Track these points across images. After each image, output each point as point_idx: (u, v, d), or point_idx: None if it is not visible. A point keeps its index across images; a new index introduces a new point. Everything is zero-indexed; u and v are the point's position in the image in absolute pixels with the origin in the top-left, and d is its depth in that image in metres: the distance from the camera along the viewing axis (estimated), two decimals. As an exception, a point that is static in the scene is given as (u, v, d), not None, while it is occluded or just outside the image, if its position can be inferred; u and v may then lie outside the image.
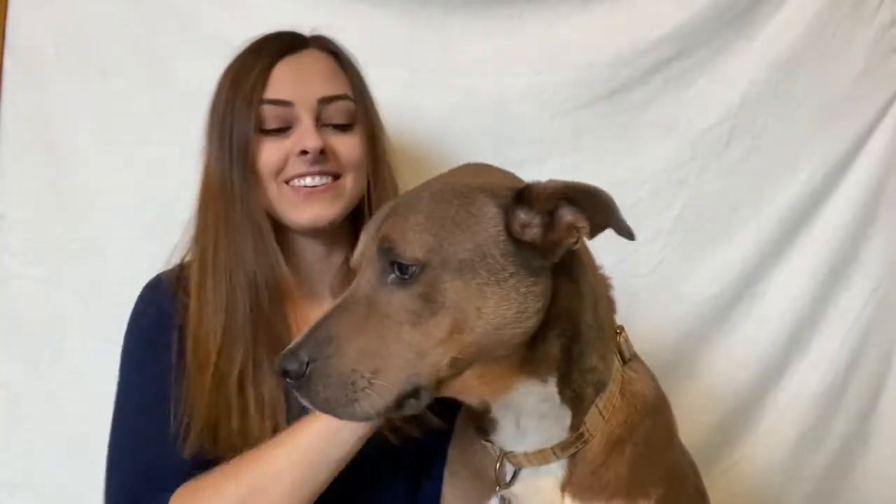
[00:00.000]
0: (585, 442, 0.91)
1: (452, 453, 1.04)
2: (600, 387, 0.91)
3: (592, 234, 0.84)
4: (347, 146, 1.17)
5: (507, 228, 0.82)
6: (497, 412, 0.92)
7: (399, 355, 0.79)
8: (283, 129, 1.14)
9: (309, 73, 1.17)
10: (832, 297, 1.66)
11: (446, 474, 1.04)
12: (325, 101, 1.16)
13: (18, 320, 1.51)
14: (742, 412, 1.65)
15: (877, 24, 1.63)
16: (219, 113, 1.16)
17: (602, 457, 0.92)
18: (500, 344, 0.82)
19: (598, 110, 1.58)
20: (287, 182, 1.14)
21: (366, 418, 0.82)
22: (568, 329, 0.87)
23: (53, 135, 1.51)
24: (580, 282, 0.89)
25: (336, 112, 1.17)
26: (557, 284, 0.85)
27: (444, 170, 0.97)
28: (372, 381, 0.79)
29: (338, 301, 0.84)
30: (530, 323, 0.82)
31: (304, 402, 0.82)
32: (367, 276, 0.84)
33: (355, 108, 1.19)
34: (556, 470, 0.93)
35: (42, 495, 1.50)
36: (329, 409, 0.81)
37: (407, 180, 1.22)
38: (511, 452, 0.94)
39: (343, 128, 1.18)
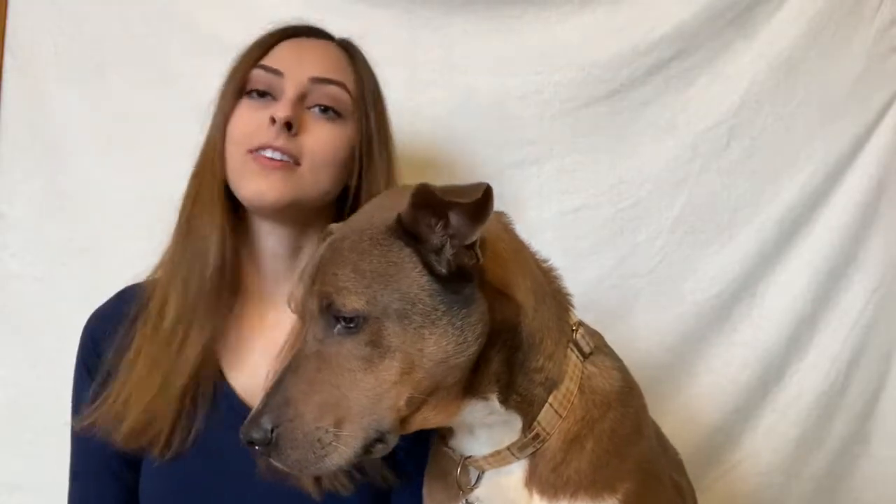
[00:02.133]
0: (543, 441, 0.92)
1: (430, 458, 1.05)
2: (551, 385, 0.91)
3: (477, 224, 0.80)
4: (322, 135, 1.08)
5: (427, 266, 0.83)
6: (452, 425, 0.94)
7: (357, 402, 0.82)
8: (265, 95, 1.09)
9: (310, 52, 1.12)
10: (832, 297, 1.65)
11: (424, 478, 1.05)
12: (317, 80, 1.08)
13: (18, 320, 1.51)
14: (742, 412, 1.65)
15: (877, 24, 1.63)
16: (225, 79, 1.14)
17: (561, 454, 0.92)
18: (450, 373, 0.84)
19: (597, 110, 1.58)
20: (249, 152, 1.07)
21: (337, 470, 0.85)
22: (508, 340, 0.89)
23: (53, 135, 1.51)
24: (514, 291, 0.89)
25: (326, 95, 1.09)
26: (491, 301, 0.86)
27: (445, 171, 0.98)
28: (337, 434, 0.82)
29: (288, 361, 0.86)
30: (472, 349, 0.85)
31: (278, 465, 0.84)
32: (313, 332, 0.86)
33: (350, 100, 1.11)
34: (516, 470, 0.94)
35: (42, 495, 1.49)
36: (301, 468, 0.83)
37: (407, 182, 1.21)
38: (471, 457, 0.95)
39: (328, 113, 1.10)
